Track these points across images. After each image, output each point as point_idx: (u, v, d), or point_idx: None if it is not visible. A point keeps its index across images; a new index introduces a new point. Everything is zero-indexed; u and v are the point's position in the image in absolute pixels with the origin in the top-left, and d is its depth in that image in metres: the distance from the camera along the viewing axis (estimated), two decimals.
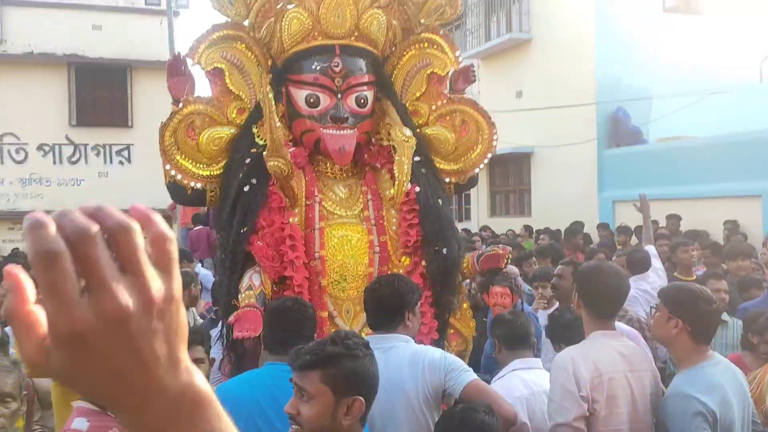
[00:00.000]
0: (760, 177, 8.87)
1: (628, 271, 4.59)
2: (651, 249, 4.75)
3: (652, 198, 10.18)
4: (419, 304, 2.54)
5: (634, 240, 8.24)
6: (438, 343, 3.26)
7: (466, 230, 12.82)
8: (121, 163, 17.26)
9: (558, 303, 4.05)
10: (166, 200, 12.79)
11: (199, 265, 7.17)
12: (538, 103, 12.87)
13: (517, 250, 7.11)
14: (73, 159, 16.88)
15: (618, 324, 2.95)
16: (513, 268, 4.42)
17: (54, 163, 16.69)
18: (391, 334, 2.44)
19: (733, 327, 3.74)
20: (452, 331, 3.52)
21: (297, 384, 1.73)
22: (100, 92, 16.99)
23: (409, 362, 2.34)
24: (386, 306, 2.51)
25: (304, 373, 1.72)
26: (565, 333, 2.76)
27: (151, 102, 16.33)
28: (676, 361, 2.37)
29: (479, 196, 15.47)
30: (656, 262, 4.62)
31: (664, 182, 10.30)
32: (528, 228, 11.17)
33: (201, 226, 9.17)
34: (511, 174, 14.84)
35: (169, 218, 16.40)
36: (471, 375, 2.32)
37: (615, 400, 2.26)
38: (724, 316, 3.83)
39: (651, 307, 2.59)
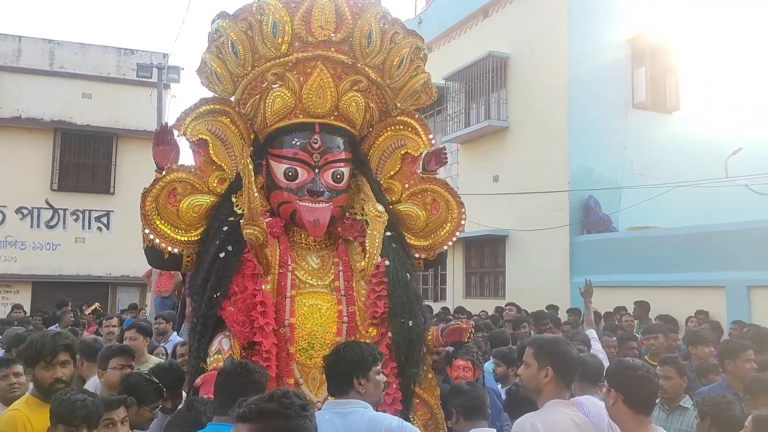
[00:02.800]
0: (724, 268, 9.14)
1: None
2: (591, 332, 4.88)
3: (620, 285, 10.48)
4: (375, 370, 2.59)
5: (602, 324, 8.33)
6: (403, 414, 3.32)
7: (445, 308, 12.90)
8: (99, 229, 17.21)
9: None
10: (142, 268, 12.73)
11: (175, 333, 7.11)
12: (514, 188, 13.26)
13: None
14: (51, 223, 16.81)
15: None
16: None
17: (31, 226, 16.61)
18: (349, 400, 2.51)
19: (692, 414, 3.78)
20: (417, 400, 3.56)
21: None
22: (84, 158, 17.16)
23: (366, 428, 2.39)
24: (333, 373, 2.62)
25: (237, 425, 1.73)
26: (522, 407, 2.84)
27: (135, 170, 16.53)
28: None
29: (455, 277, 15.60)
30: (596, 345, 4.73)
31: (633, 270, 10.56)
32: (499, 309, 11.27)
33: None
34: (487, 256, 15.04)
35: (144, 286, 16.27)
36: None
37: None
38: (686, 403, 3.91)
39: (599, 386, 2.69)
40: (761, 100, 13.22)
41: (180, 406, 3.05)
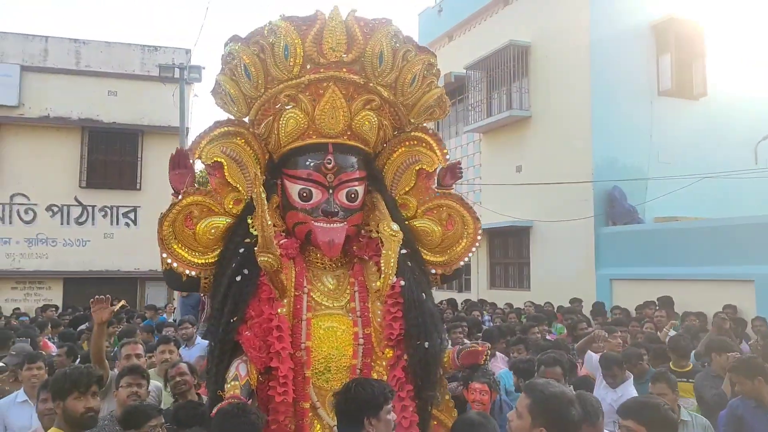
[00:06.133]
0: (753, 261, 8.97)
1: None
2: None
3: (647, 278, 10.36)
4: (385, 410, 2.60)
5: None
6: None
7: (467, 300, 12.89)
8: (127, 224, 17.52)
9: None
10: None
11: (199, 337, 7.19)
12: (537, 178, 13.15)
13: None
14: (81, 220, 17.16)
15: None
16: None
17: (62, 223, 16.98)
18: None
19: (692, 425, 3.88)
20: (435, 422, 3.56)
21: None
22: (111, 155, 17.44)
23: None
24: (344, 412, 2.63)
25: None
26: None
27: (160, 166, 16.67)
28: None
29: (479, 267, 15.57)
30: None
31: (659, 262, 10.43)
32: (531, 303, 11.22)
33: None
34: (511, 247, 14.97)
35: None
36: None
37: None
38: (684, 416, 3.97)
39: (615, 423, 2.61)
40: None
41: None
